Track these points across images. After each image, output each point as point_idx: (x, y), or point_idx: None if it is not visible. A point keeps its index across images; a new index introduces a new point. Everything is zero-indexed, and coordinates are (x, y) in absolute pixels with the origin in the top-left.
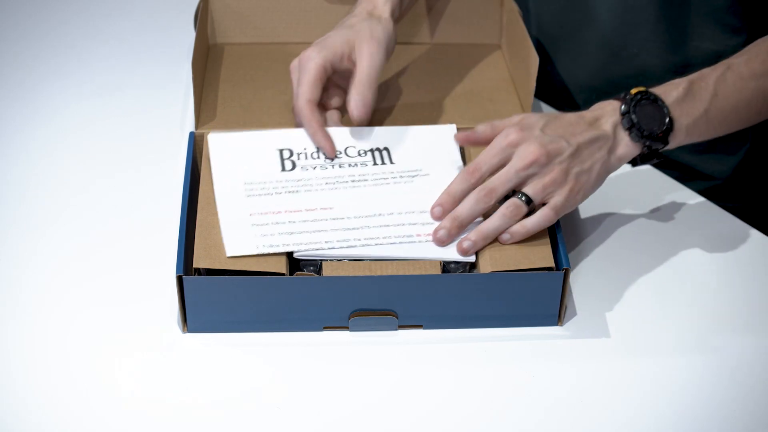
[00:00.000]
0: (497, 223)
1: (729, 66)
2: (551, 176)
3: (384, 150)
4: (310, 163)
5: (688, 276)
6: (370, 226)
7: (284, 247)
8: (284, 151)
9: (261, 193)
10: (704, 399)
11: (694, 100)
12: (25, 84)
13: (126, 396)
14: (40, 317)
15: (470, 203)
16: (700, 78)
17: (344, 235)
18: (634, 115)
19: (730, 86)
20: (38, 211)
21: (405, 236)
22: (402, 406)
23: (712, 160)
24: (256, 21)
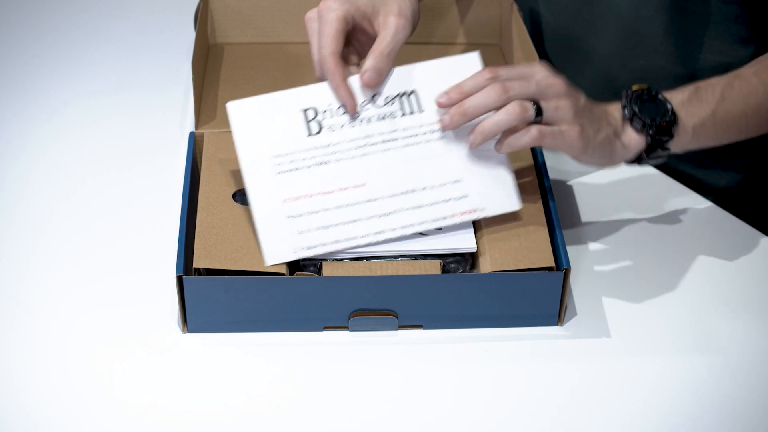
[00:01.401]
0: (499, 117)
1: (737, 75)
2: (568, 102)
3: (411, 94)
4: (337, 122)
5: (688, 276)
6: (404, 208)
7: (322, 248)
8: (308, 111)
9: (290, 168)
10: (704, 399)
11: (700, 102)
12: (25, 84)
13: (126, 396)
14: (39, 317)
15: (481, 95)
16: (707, 84)
17: (379, 225)
18: (635, 107)
19: (737, 92)
20: (38, 211)
21: (440, 218)
22: (402, 406)
23: (716, 174)
24: (256, 21)
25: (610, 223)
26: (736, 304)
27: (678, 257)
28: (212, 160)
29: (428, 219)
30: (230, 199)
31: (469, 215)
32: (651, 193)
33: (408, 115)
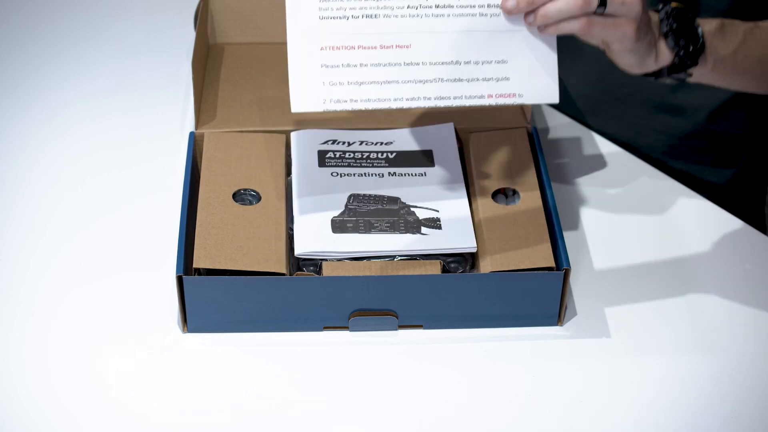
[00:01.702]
0: (561, 5)
1: (757, 24)
2: (634, 1)
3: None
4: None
5: (688, 276)
6: (444, 78)
7: (351, 104)
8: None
9: (336, 16)
10: (704, 399)
11: (724, 38)
12: (25, 84)
13: (126, 396)
14: (39, 317)
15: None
16: (732, 24)
17: (414, 91)
18: (673, 24)
19: (758, 39)
20: (38, 211)
21: (477, 95)
22: (402, 406)
23: (708, 171)
24: (256, 21)
25: (610, 223)
26: (736, 304)
27: (678, 257)
28: (212, 160)
29: (465, 94)
30: (230, 199)
31: (506, 99)
32: (651, 193)
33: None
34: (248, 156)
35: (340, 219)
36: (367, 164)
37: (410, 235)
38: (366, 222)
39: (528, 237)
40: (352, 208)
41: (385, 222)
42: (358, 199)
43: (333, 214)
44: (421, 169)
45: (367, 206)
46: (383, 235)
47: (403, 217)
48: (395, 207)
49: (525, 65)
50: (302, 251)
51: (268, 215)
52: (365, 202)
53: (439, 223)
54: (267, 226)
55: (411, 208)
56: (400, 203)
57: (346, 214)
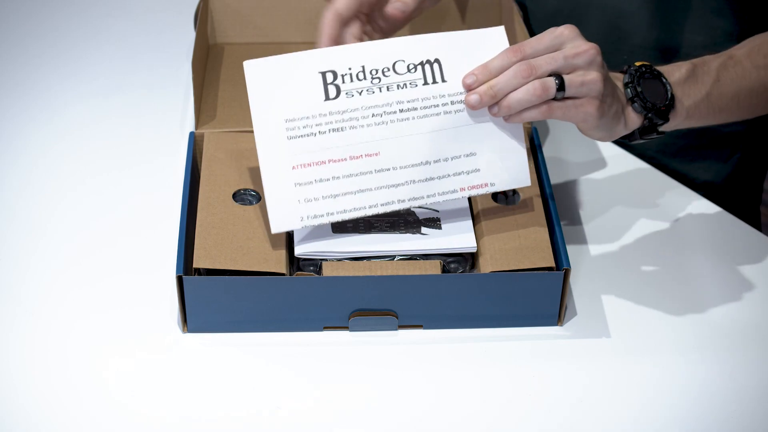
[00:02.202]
0: (521, 96)
1: (731, 56)
2: (594, 76)
3: (435, 62)
4: (356, 87)
5: (688, 276)
6: (416, 180)
7: (328, 217)
8: (327, 74)
9: (303, 134)
10: (704, 399)
11: (696, 83)
12: (25, 84)
13: (125, 396)
14: (39, 317)
15: (508, 75)
16: (703, 63)
17: (388, 196)
18: (639, 87)
19: (732, 73)
20: (38, 211)
21: (450, 191)
22: (402, 406)
23: (703, 169)
24: (256, 21)
25: (610, 223)
26: (736, 304)
27: (678, 257)
28: (212, 160)
29: (438, 191)
30: (230, 199)
31: (478, 189)
32: (652, 193)
33: (430, 84)
34: (248, 156)
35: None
36: None
37: (410, 235)
38: (366, 222)
39: (528, 237)
40: None
41: (385, 222)
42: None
43: None
44: None
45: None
46: (383, 235)
47: (403, 217)
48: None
49: (494, 155)
50: (302, 251)
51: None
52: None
53: (439, 223)
54: (267, 226)
55: (411, 208)
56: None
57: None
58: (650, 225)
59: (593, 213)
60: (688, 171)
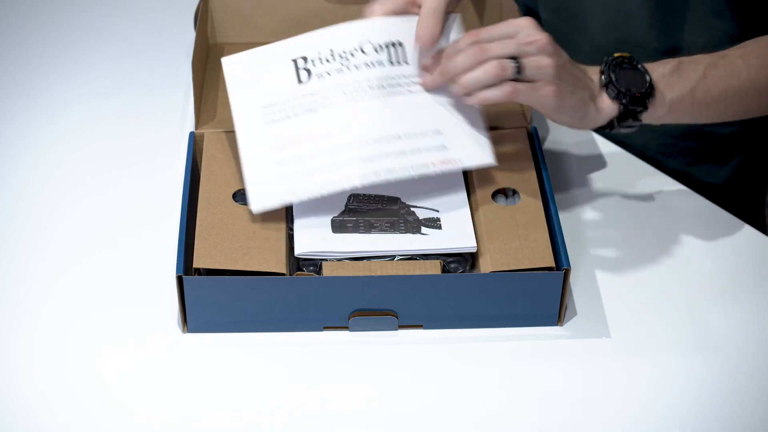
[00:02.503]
0: (477, 74)
1: (723, 56)
2: (549, 60)
3: (399, 45)
4: (326, 69)
5: (689, 276)
6: (389, 153)
7: (307, 193)
8: (298, 60)
9: (279, 117)
10: (704, 399)
11: (681, 78)
12: (25, 84)
13: (125, 396)
14: (39, 317)
15: (461, 56)
16: (691, 60)
17: (363, 169)
18: (612, 74)
19: (720, 73)
20: (38, 211)
21: (421, 165)
22: (402, 406)
23: (703, 171)
24: (256, 21)
25: (611, 224)
26: (736, 304)
27: (678, 257)
28: (212, 160)
29: (410, 165)
30: (230, 199)
31: (446, 165)
32: (652, 193)
33: (395, 65)
34: None
35: (340, 219)
36: None
37: (410, 235)
38: (366, 222)
39: (528, 237)
40: (352, 209)
41: (385, 222)
42: (359, 200)
43: (333, 214)
44: None
45: (367, 206)
46: (383, 235)
47: (403, 217)
48: (395, 207)
49: (457, 133)
50: (302, 251)
51: (268, 215)
52: (365, 202)
53: (439, 223)
54: (267, 226)
55: (411, 208)
56: (400, 203)
57: (346, 213)
58: (650, 225)
59: (593, 213)
60: (689, 173)
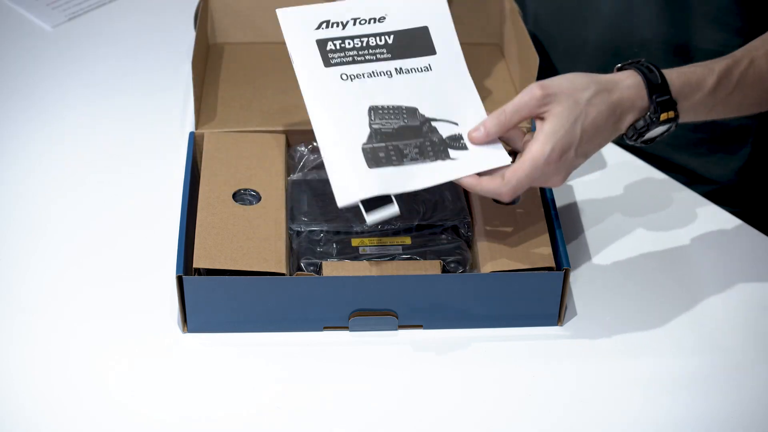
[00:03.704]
0: None
1: (752, 60)
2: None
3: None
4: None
5: (688, 276)
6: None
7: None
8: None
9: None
10: (704, 399)
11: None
12: (25, 84)
13: (125, 396)
14: (39, 316)
15: None
16: (727, 73)
17: None
18: (648, 132)
19: (749, 84)
20: (38, 212)
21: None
22: (402, 406)
23: (712, 163)
24: (256, 21)
25: (610, 223)
26: (736, 304)
27: (678, 257)
28: (212, 160)
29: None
30: (230, 199)
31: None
32: (652, 193)
33: None
34: (248, 156)
35: (371, 147)
36: (371, 56)
37: (440, 162)
38: (396, 149)
39: (528, 237)
40: (376, 128)
41: (413, 147)
42: (379, 114)
43: (360, 140)
44: (425, 59)
45: (389, 123)
46: (417, 166)
47: (429, 138)
48: (417, 123)
49: None
50: (346, 202)
51: (268, 215)
52: (386, 117)
53: (463, 142)
54: (267, 226)
55: (431, 123)
56: (419, 116)
57: (374, 138)
58: (650, 225)
59: (593, 213)
60: (698, 167)
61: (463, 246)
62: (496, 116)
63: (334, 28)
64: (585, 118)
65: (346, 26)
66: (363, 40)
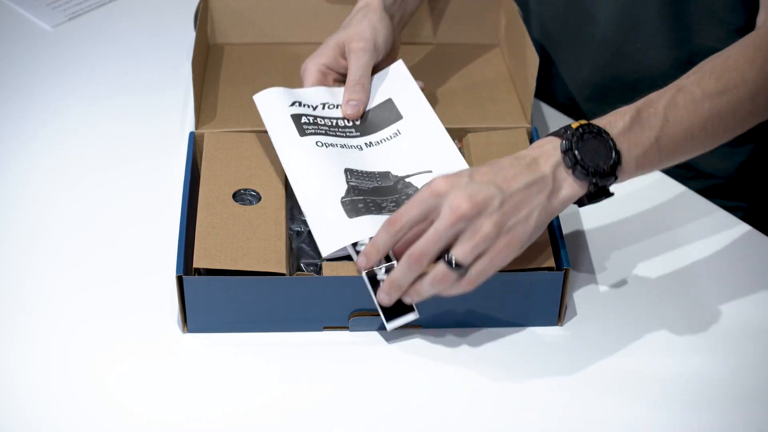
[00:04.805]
0: (431, 291)
1: (680, 88)
2: (482, 233)
3: None
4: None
5: (688, 276)
6: None
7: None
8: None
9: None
10: (704, 399)
11: (642, 129)
12: (25, 84)
13: (125, 396)
14: (39, 316)
15: (403, 270)
16: (648, 104)
17: None
18: (577, 152)
19: (682, 110)
20: (38, 212)
21: None
22: (402, 406)
23: (715, 157)
24: (256, 21)
25: (610, 223)
26: (736, 304)
27: (678, 257)
28: (212, 160)
29: None
30: (230, 199)
31: None
32: (652, 193)
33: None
34: (248, 156)
35: (350, 200)
36: (341, 134)
37: None
38: (374, 202)
39: None
40: (353, 185)
41: (390, 202)
42: (355, 175)
43: (339, 195)
44: (393, 127)
45: (366, 183)
46: None
47: (404, 192)
48: (390, 183)
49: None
50: (329, 252)
51: (268, 215)
52: (362, 179)
53: None
54: (267, 226)
55: (406, 180)
56: (392, 177)
57: (352, 193)
58: (650, 225)
59: (593, 213)
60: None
61: None
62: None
63: (306, 108)
64: (479, 167)
65: (315, 108)
66: (333, 120)
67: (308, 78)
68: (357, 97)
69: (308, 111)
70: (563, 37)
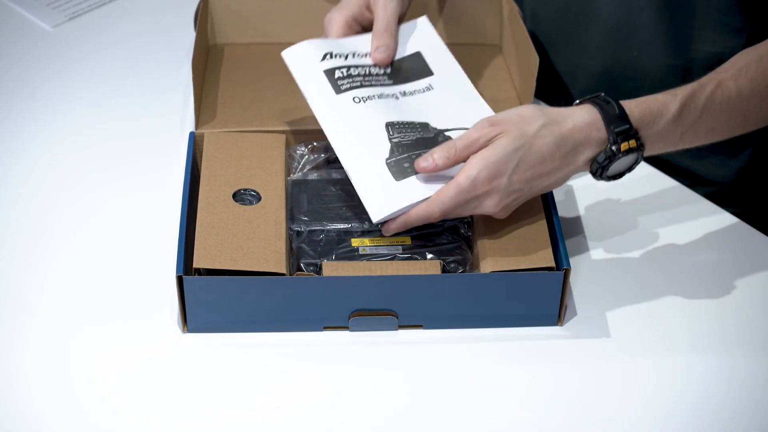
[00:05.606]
0: None
1: (718, 83)
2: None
3: None
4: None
5: (688, 276)
6: None
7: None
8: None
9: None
10: (704, 399)
11: (676, 125)
12: (25, 84)
13: (125, 396)
14: (39, 317)
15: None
16: (692, 97)
17: None
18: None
19: (717, 107)
20: (38, 212)
21: None
22: (402, 406)
23: (712, 164)
24: (256, 21)
25: (610, 223)
26: (735, 304)
27: (678, 257)
28: (212, 160)
29: None
30: (230, 199)
31: None
32: (652, 194)
33: None
34: (248, 156)
35: (395, 160)
36: (376, 82)
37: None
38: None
39: (528, 237)
40: (396, 142)
41: None
42: (396, 129)
43: (383, 156)
44: (425, 81)
45: (407, 135)
46: None
47: None
48: (431, 135)
49: None
50: (381, 217)
51: (268, 215)
52: (403, 131)
53: None
54: (267, 226)
55: (445, 133)
56: (432, 128)
57: (395, 152)
58: (650, 225)
59: (593, 213)
60: (699, 168)
61: (463, 246)
62: (446, 149)
63: (337, 59)
64: (528, 148)
65: (347, 58)
66: (365, 69)
67: (333, 29)
68: (386, 43)
69: (341, 62)
70: (559, 39)
